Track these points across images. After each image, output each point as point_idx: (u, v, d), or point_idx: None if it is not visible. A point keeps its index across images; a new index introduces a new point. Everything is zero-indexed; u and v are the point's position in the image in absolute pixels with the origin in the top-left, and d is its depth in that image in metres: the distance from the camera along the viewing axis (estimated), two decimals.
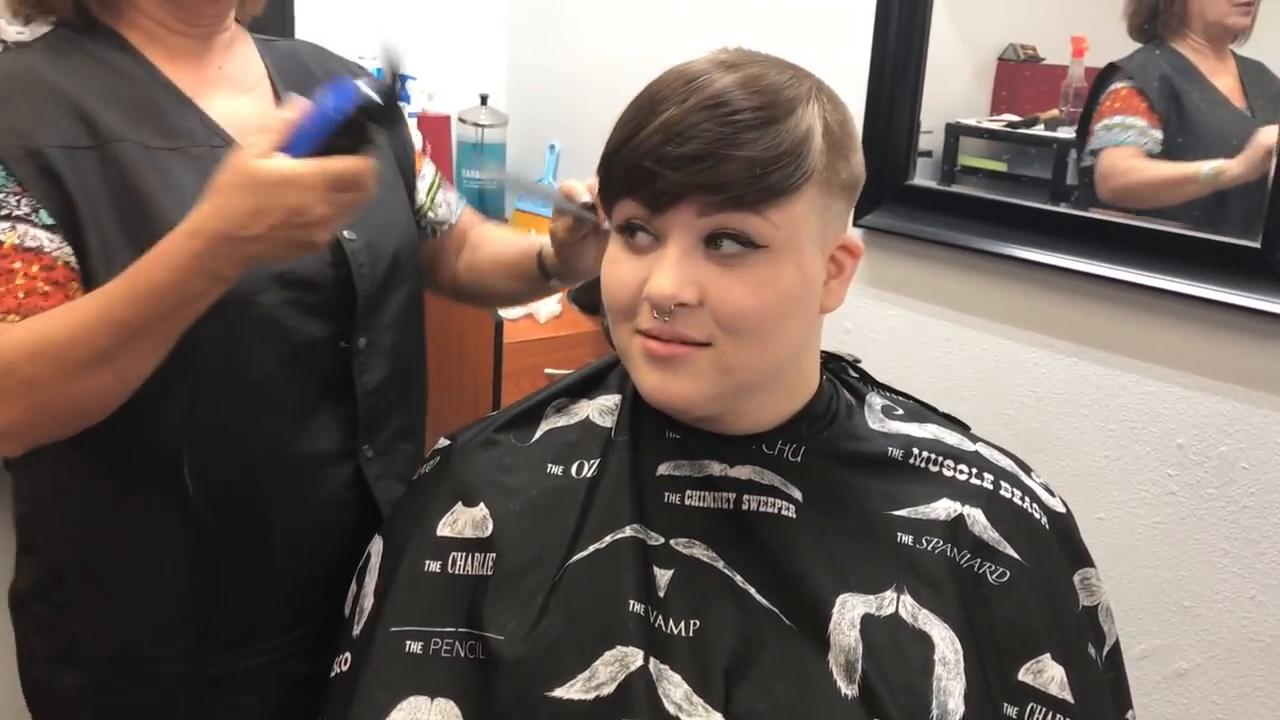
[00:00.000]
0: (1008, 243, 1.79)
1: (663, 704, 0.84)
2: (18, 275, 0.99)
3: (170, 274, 0.93)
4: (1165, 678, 1.70)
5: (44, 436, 1.02)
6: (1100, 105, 1.81)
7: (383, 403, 1.18)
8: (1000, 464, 1.00)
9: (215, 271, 0.93)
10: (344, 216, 0.95)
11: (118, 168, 1.03)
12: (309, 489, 1.14)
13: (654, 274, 0.86)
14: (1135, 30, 1.78)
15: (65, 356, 0.95)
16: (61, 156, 1.01)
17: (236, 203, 0.91)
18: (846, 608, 0.89)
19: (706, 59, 0.89)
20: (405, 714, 0.90)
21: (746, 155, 0.83)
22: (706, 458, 0.96)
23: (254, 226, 0.91)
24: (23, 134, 1.01)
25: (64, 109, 1.03)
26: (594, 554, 0.92)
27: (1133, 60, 1.79)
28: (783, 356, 0.92)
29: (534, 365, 2.15)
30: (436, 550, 0.97)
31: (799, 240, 0.87)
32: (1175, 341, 1.63)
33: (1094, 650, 0.95)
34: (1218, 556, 1.63)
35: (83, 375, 0.95)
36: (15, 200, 1.00)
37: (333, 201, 0.92)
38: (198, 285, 0.94)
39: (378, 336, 1.17)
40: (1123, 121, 1.78)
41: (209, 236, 0.92)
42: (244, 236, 0.91)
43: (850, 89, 1.86)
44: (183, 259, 0.93)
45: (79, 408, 0.98)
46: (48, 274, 1.00)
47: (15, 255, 0.99)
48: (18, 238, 0.99)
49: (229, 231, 0.91)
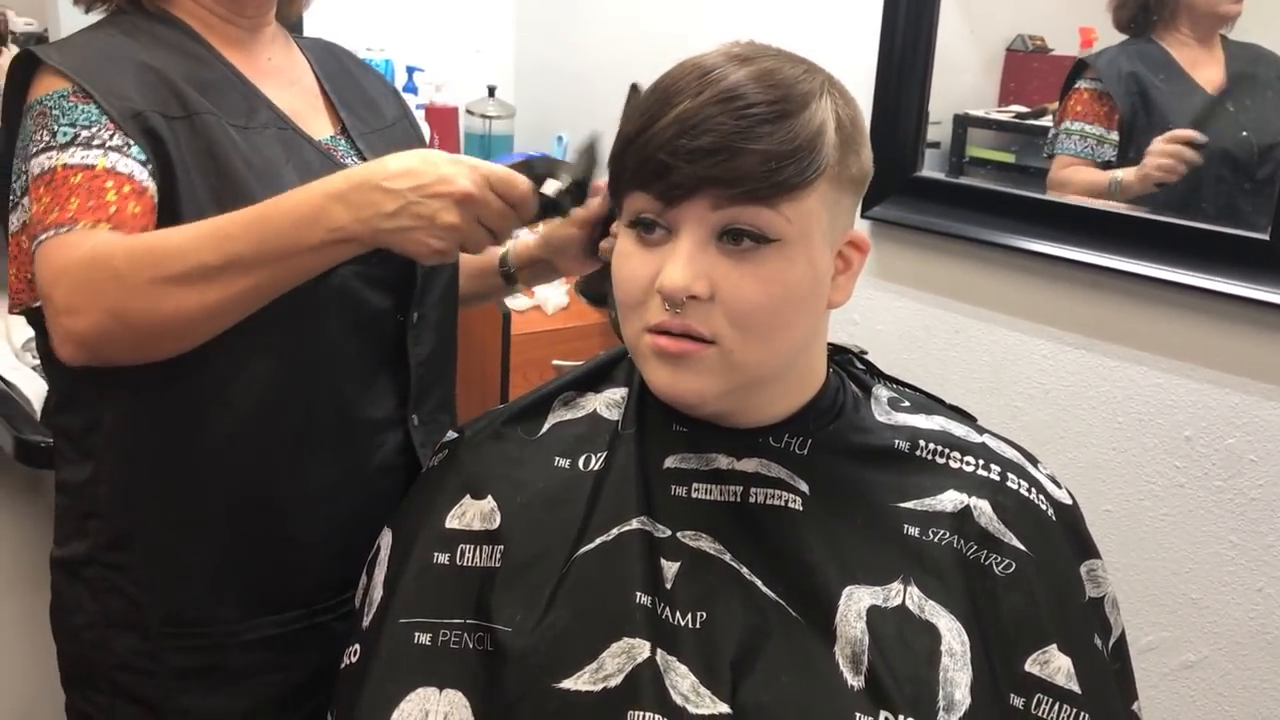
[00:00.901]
0: (1016, 234, 1.79)
1: (670, 695, 0.85)
2: (109, 192, 0.98)
3: (293, 206, 0.95)
4: (1172, 669, 1.70)
5: (114, 351, 0.98)
6: (1065, 103, 1.84)
7: (430, 374, 1.23)
8: (1007, 455, 1.00)
9: (336, 218, 0.94)
10: (482, 224, 0.97)
11: (206, 139, 1.05)
12: (365, 454, 1.17)
13: (666, 266, 0.86)
14: (1122, 23, 1.78)
15: (163, 261, 0.94)
16: (162, 121, 1.03)
17: (400, 159, 0.95)
18: (853, 599, 0.89)
19: (719, 52, 0.90)
20: (414, 705, 0.90)
21: (762, 149, 0.83)
22: (714, 451, 0.96)
23: (402, 181, 0.94)
24: (126, 97, 1.03)
25: (154, 79, 1.06)
26: (601, 546, 0.92)
27: (1101, 57, 1.80)
28: (790, 351, 0.92)
29: (541, 357, 2.15)
30: (445, 542, 0.97)
31: (810, 234, 0.88)
32: (1183, 334, 1.63)
33: (1100, 641, 0.95)
34: (1225, 549, 1.63)
35: (174, 288, 0.94)
36: (109, 135, 1.01)
37: (483, 191, 0.95)
38: (314, 230, 0.94)
39: (428, 311, 1.21)
40: (1081, 130, 1.81)
41: (352, 178, 0.95)
42: (386, 187, 0.93)
43: (858, 80, 1.86)
44: (312, 193, 0.95)
45: (157, 325, 0.96)
46: (139, 198, 1.00)
47: (108, 175, 0.99)
48: (110, 163, 1.00)
49: (374, 179, 0.94)
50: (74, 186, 0.98)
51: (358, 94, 1.27)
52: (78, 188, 0.98)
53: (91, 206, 0.97)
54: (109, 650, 1.14)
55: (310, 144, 1.15)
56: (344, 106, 1.23)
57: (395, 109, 1.31)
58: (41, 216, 0.98)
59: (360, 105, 1.26)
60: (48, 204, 0.98)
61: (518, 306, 2.17)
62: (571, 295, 2.21)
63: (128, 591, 1.13)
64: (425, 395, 1.22)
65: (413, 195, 0.94)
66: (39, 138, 1.01)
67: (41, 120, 1.02)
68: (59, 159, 0.99)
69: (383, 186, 0.94)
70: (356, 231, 0.94)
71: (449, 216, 0.95)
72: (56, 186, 0.99)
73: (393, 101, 1.33)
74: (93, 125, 1.01)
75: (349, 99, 1.25)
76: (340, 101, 1.23)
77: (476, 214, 0.96)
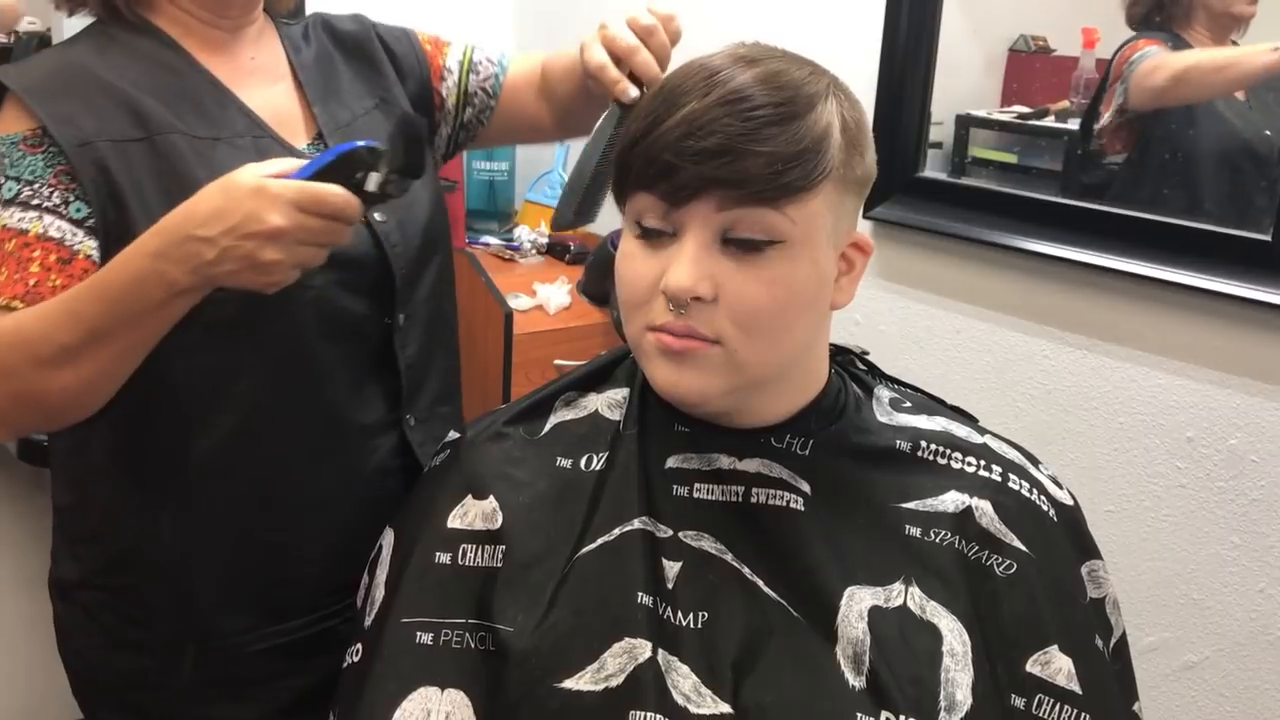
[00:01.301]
0: (1018, 235, 1.79)
1: (671, 695, 0.85)
2: (33, 263, 1.00)
3: (126, 273, 0.94)
4: (1174, 670, 1.70)
5: (30, 427, 1.03)
6: (1118, 58, 1.77)
7: (422, 373, 1.21)
8: (1008, 456, 1.00)
9: (167, 275, 0.93)
10: (307, 244, 0.94)
11: (167, 158, 1.04)
12: (360, 459, 1.16)
13: (671, 267, 0.87)
14: (1136, 20, 1.77)
15: (34, 348, 0.95)
16: (112, 150, 1.03)
17: (202, 202, 0.92)
18: (854, 600, 0.89)
19: (725, 53, 0.90)
20: (416, 704, 0.90)
21: (768, 151, 0.84)
22: (715, 451, 0.96)
23: (211, 227, 0.91)
24: (77, 124, 1.02)
25: (113, 102, 1.05)
26: (602, 546, 0.93)
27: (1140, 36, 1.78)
28: (793, 352, 0.92)
29: (544, 356, 2.15)
30: (447, 542, 0.98)
31: (814, 236, 0.88)
32: (1185, 335, 1.63)
33: (1101, 642, 0.95)
34: (1227, 550, 1.63)
35: (49, 370, 0.95)
36: (48, 192, 1.02)
37: (293, 219, 0.91)
38: (153, 291, 0.93)
39: (416, 310, 1.19)
40: (1147, 50, 1.74)
41: (166, 233, 0.93)
42: (199, 236, 0.91)
43: (861, 80, 1.86)
44: (139, 258, 0.94)
45: (50, 404, 0.98)
46: (63, 267, 1.01)
47: (37, 244, 1.01)
48: (42, 227, 1.01)
49: (186, 229, 0.92)
50: (5, 254, 1.00)
51: (333, 81, 1.23)
52: (8, 256, 1.00)
53: (17, 279, 0.99)
54: (113, 670, 1.15)
55: (289, 152, 1.12)
56: (318, 101, 1.19)
57: (377, 88, 1.26)
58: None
59: (336, 95, 1.22)
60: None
61: (520, 306, 2.17)
62: (574, 295, 2.21)
63: (128, 612, 1.13)
64: (418, 394, 1.21)
65: (226, 240, 0.91)
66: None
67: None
68: (1, 217, 1.01)
69: (196, 235, 0.91)
70: (192, 283, 0.93)
71: (268, 254, 0.92)
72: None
73: (375, 79, 1.27)
74: (35, 181, 1.02)
75: (324, 91, 1.21)
76: (315, 96, 1.19)
77: (296, 239, 0.93)
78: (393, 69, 1.29)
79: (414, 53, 1.32)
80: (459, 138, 1.39)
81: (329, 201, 0.93)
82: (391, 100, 1.26)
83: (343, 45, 1.27)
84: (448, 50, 1.36)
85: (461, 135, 1.39)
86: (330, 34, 1.27)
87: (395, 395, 1.19)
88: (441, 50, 1.35)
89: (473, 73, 1.35)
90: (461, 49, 1.37)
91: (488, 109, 1.36)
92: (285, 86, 1.19)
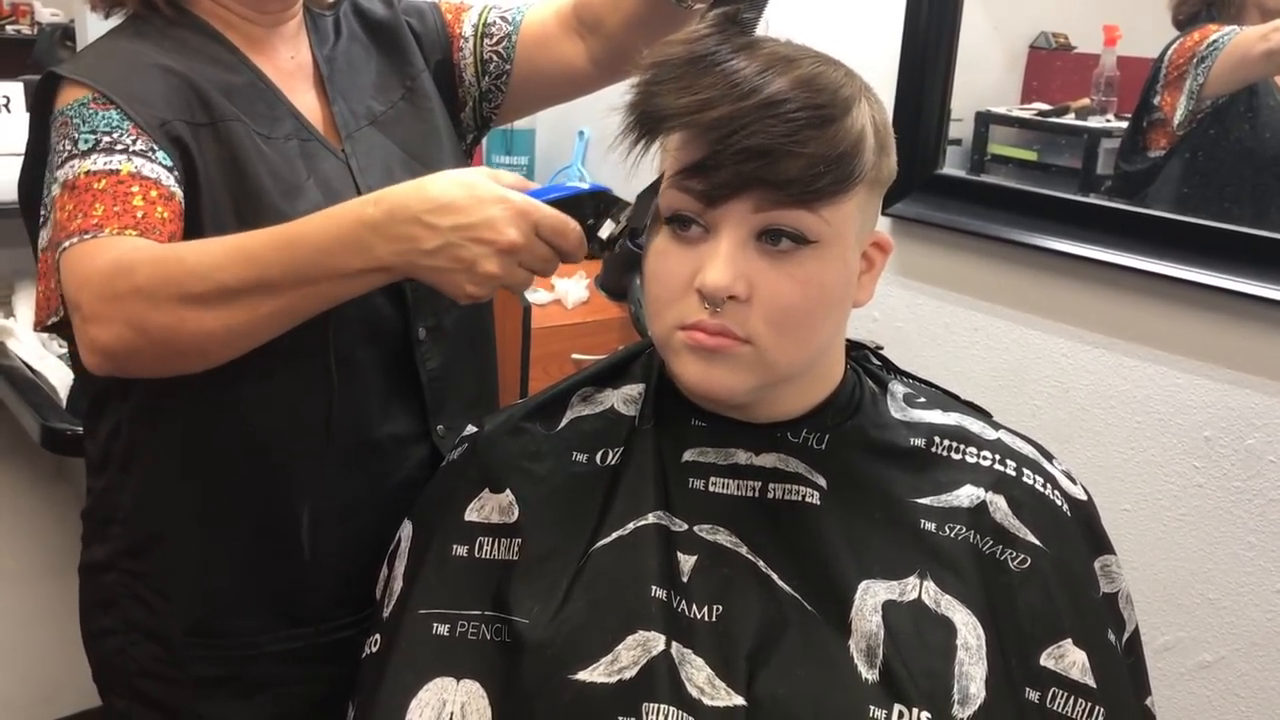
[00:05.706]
0: (1037, 233, 1.78)
1: (685, 687, 0.86)
2: (135, 197, 0.95)
3: (327, 232, 0.89)
4: (1189, 670, 1.69)
5: (137, 364, 0.94)
6: (1176, 51, 1.71)
7: (447, 385, 1.19)
8: (1022, 451, 1.00)
9: (374, 248, 0.88)
10: (526, 267, 0.91)
11: (229, 146, 1.03)
12: (389, 470, 1.15)
13: (707, 266, 0.87)
14: (1184, 19, 1.74)
15: (187, 279, 0.90)
16: (186, 129, 1.01)
17: (442, 188, 0.88)
18: (869, 594, 0.89)
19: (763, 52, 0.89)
20: (432, 694, 0.91)
21: (809, 153, 0.84)
22: (732, 445, 0.97)
23: (443, 217, 0.87)
24: (150, 104, 1.00)
25: (178, 84, 1.03)
26: (618, 540, 0.93)
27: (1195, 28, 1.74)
28: (819, 350, 0.93)
29: (561, 351, 2.16)
30: (464, 535, 0.98)
31: (845, 236, 0.89)
32: (1204, 334, 1.62)
33: (1114, 636, 0.96)
34: (1244, 550, 1.62)
35: (197, 308, 0.89)
36: (131, 139, 0.98)
37: (529, 239, 0.88)
38: (352, 258, 0.89)
39: (439, 322, 1.17)
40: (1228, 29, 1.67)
41: (392, 205, 0.88)
42: (426, 222, 0.87)
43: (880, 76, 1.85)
44: (350, 221, 0.89)
45: (180, 344, 0.92)
46: (167, 203, 0.96)
47: (133, 180, 0.96)
48: (134, 167, 0.96)
49: (416, 210, 0.87)
50: (98, 192, 0.95)
51: (361, 76, 1.19)
52: (102, 193, 0.95)
53: (117, 212, 0.94)
54: (131, 657, 1.15)
55: (332, 155, 1.12)
56: (336, 99, 1.16)
57: (405, 77, 1.21)
58: (65, 223, 0.94)
59: (359, 91, 1.18)
60: (71, 210, 0.95)
61: (538, 300, 2.18)
62: (591, 290, 2.21)
63: (148, 600, 1.13)
64: (444, 405, 1.19)
65: (454, 236, 0.87)
66: (61, 148, 0.98)
67: (64, 130, 0.99)
68: (81, 166, 0.96)
69: (423, 220, 0.87)
70: (393, 264, 0.89)
71: (489, 265, 0.88)
72: (80, 193, 0.95)
73: (404, 68, 1.22)
74: (114, 130, 0.98)
75: (345, 87, 1.17)
76: (333, 94, 1.16)
77: (521, 260, 0.90)
78: (419, 52, 1.24)
79: (436, 29, 1.26)
80: (483, 110, 1.30)
81: (569, 235, 0.91)
82: (418, 89, 1.22)
83: (375, 33, 1.23)
84: (465, 17, 1.28)
85: (485, 108, 1.30)
86: (361, 20, 1.23)
87: (421, 408, 1.17)
88: (460, 18, 1.28)
89: (486, 37, 1.27)
90: (478, 12, 1.28)
91: (504, 74, 1.28)
92: (317, 88, 1.17)
